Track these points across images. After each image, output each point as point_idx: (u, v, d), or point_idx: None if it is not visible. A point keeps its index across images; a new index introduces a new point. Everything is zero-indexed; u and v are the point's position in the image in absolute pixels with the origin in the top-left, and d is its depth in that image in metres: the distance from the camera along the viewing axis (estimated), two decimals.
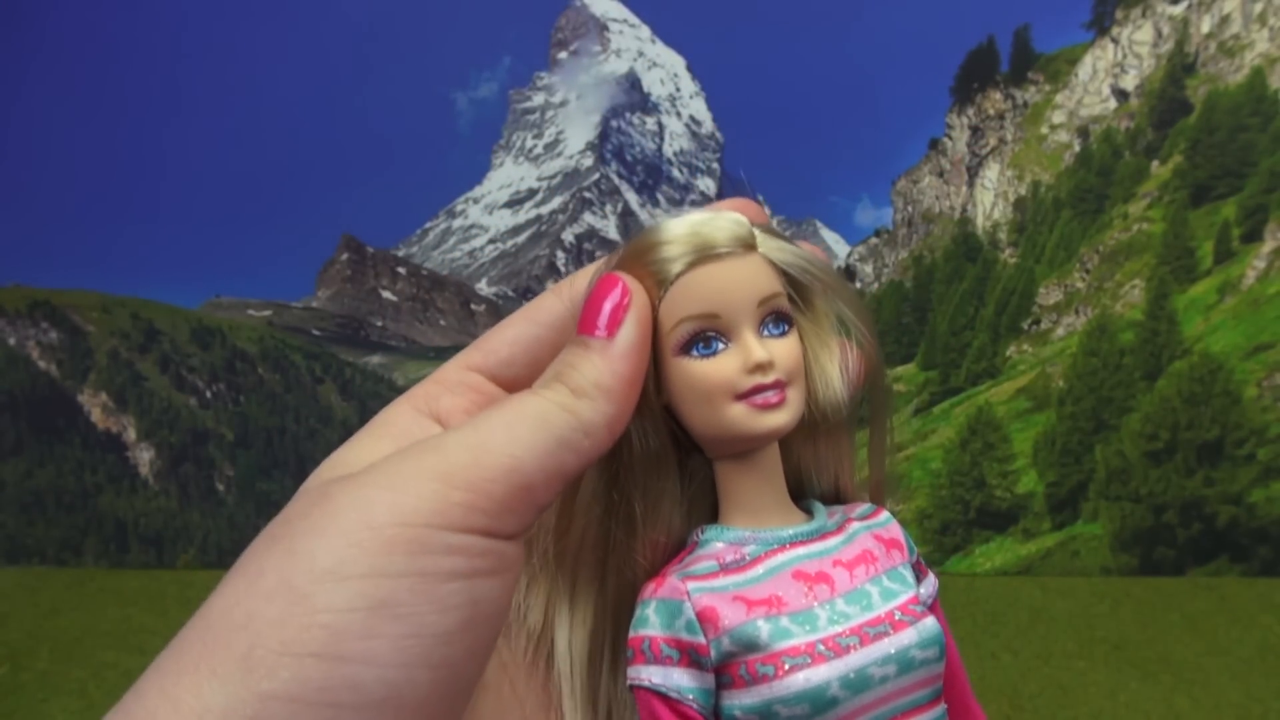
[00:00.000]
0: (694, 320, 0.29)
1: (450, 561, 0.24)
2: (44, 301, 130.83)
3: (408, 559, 0.23)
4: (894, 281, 79.30)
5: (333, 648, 0.22)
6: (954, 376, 52.97)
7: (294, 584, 0.23)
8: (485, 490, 0.25)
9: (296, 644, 0.22)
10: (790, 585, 0.30)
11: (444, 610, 0.24)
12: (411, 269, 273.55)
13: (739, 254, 0.30)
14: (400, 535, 0.23)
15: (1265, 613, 6.84)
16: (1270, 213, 45.02)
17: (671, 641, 0.29)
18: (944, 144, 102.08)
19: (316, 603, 0.23)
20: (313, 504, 0.25)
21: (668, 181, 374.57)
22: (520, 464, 0.25)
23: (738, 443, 0.31)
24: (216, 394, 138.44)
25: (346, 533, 0.24)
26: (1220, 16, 74.75)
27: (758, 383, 0.30)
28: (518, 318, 0.32)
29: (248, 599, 0.23)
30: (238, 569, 0.25)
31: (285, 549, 0.24)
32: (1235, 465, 25.37)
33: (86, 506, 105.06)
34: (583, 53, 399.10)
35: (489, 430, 0.26)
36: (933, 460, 40.40)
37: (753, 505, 0.31)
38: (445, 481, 0.24)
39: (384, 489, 0.24)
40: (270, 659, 0.22)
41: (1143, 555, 24.97)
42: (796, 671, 0.28)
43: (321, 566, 0.23)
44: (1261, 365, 32.98)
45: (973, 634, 6.35)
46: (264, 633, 0.22)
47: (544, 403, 0.27)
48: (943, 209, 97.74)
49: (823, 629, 0.29)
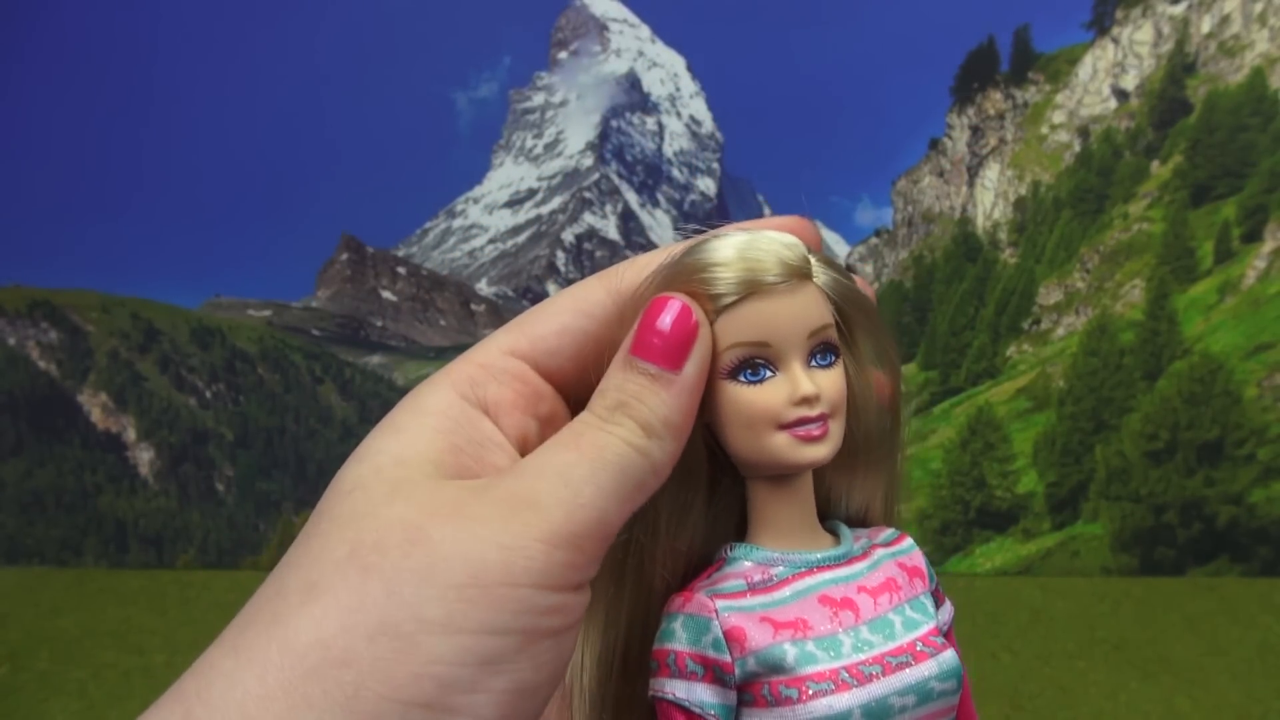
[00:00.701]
0: (744, 347, 0.30)
1: (549, 621, 0.25)
2: (44, 301, 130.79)
3: (514, 618, 0.24)
4: (894, 281, 79.27)
5: (441, 699, 0.23)
6: (954, 376, 52.95)
7: (401, 629, 0.23)
8: (580, 547, 0.26)
9: (405, 692, 0.22)
10: (816, 610, 0.30)
11: (538, 667, 0.25)
12: (411, 269, 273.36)
13: (794, 284, 0.30)
14: (509, 595, 0.24)
15: (1265, 613, 6.84)
16: (1270, 213, 45.01)
17: (697, 657, 0.29)
18: (944, 144, 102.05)
19: (427, 653, 0.23)
20: (412, 541, 0.25)
21: (668, 181, 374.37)
22: (607, 516, 0.26)
23: (776, 469, 0.31)
24: (216, 394, 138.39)
25: (457, 587, 0.24)
26: (1220, 16, 74.73)
27: (803, 415, 0.30)
28: (565, 306, 0.31)
29: (345, 635, 0.23)
30: (320, 591, 0.24)
31: (384, 589, 0.24)
32: (1235, 465, 25.37)
33: (86, 506, 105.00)
34: (583, 53, 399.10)
35: (579, 483, 0.26)
36: (933, 460, 40.38)
37: (782, 527, 0.32)
38: (549, 542, 0.25)
39: (494, 547, 0.25)
40: (378, 704, 0.22)
41: (1143, 555, 24.96)
42: (820, 698, 0.28)
43: (431, 618, 0.23)
44: (1261, 365, 32.99)
45: (973, 634, 6.34)
46: (369, 676, 0.22)
47: (621, 446, 0.27)
48: (943, 209, 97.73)
49: (846, 656, 0.30)
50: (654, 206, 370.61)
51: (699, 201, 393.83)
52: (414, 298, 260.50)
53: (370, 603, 0.23)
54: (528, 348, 0.31)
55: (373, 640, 0.23)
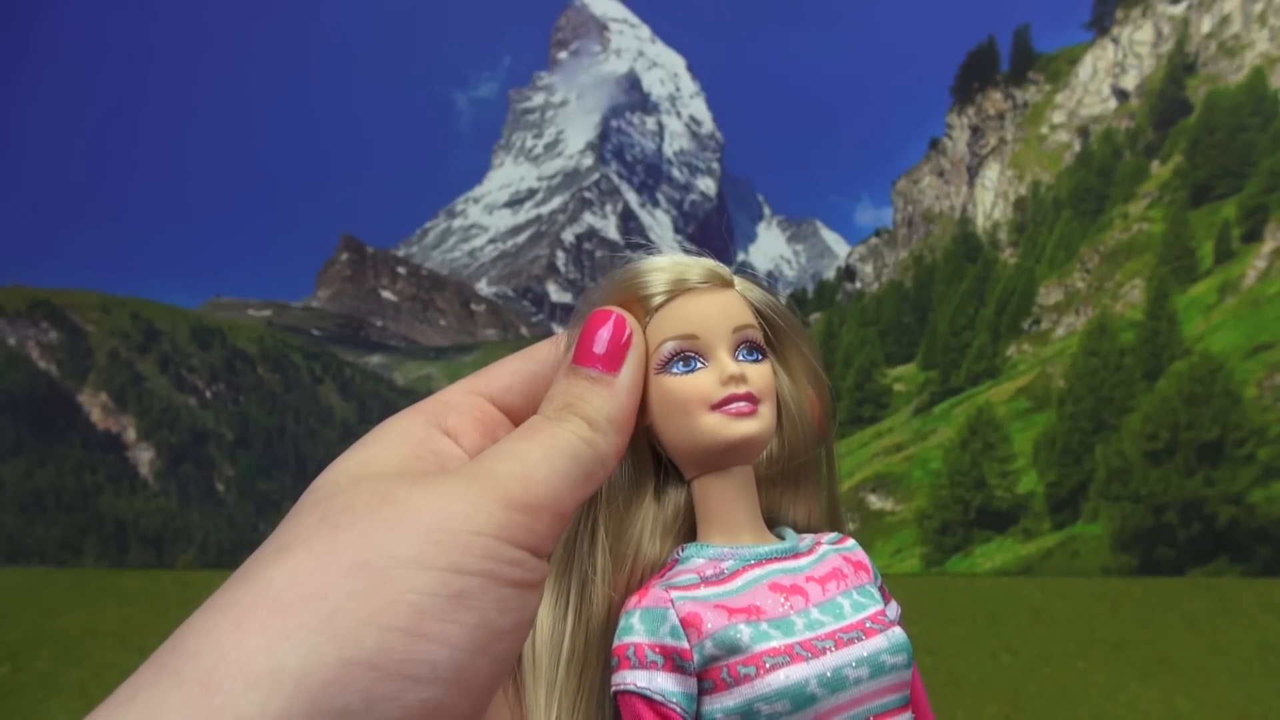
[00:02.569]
0: (675, 340, 0.32)
1: (511, 570, 0.27)
2: (44, 301, 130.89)
3: (482, 561, 0.26)
4: (894, 281, 79.26)
5: (416, 625, 0.24)
6: (954, 376, 52.92)
7: (375, 565, 0.24)
8: (537, 514, 0.28)
9: (382, 617, 0.24)
10: (767, 596, 0.32)
11: (504, 610, 0.26)
12: (411, 269, 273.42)
13: (717, 286, 0.33)
14: (475, 541, 0.26)
15: (1265, 613, 6.84)
16: (1270, 213, 44.96)
17: (656, 647, 0.31)
18: (944, 144, 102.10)
19: (401, 584, 0.24)
20: (379, 501, 0.26)
21: (668, 181, 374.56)
22: (559, 495, 0.28)
23: (715, 451, 0.33)
24: (216, 394, 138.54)
25: (425, 531, 0.26)
26: (1220, 16, 74.75)
27: (731, 393, 0.32)
28: (516, 356, 0.35)
29: (321, 574, 0.24)
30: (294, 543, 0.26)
31: (358, 534, 0.25)
32: (1235, 465, 25.35)
33: (86, 506, 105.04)
34: (583, 53, 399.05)
35: (534, 464, 0.28)
36: (933, 460, 40.37)
37: (730, 523, 0.33)
38: (506, 505, 0.27)
39: (457, 501, 0.26)
40: (355, 628, 0.23)
41: (1143, 555, 24.95)
42: (777, 670, 0.30)
43: (403, 555, 0.25)
44: (1261, 365, 32.97)
45: (973, 634, 6.34)
46: (346, 604, 0.24)
47: (571, 437, 0.30)
48: (943, 209, 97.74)
49: (799, 634, 0.31)
50: (654, 206, 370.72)
51: (699, 201, 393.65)
52: (414, 298, 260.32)
53: (343, 546, 0.25)
54: (483, 385, 0.34)
55: (348, 575, 0.24)
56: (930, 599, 8.02)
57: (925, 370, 57.86)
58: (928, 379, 55.86)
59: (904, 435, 49.64)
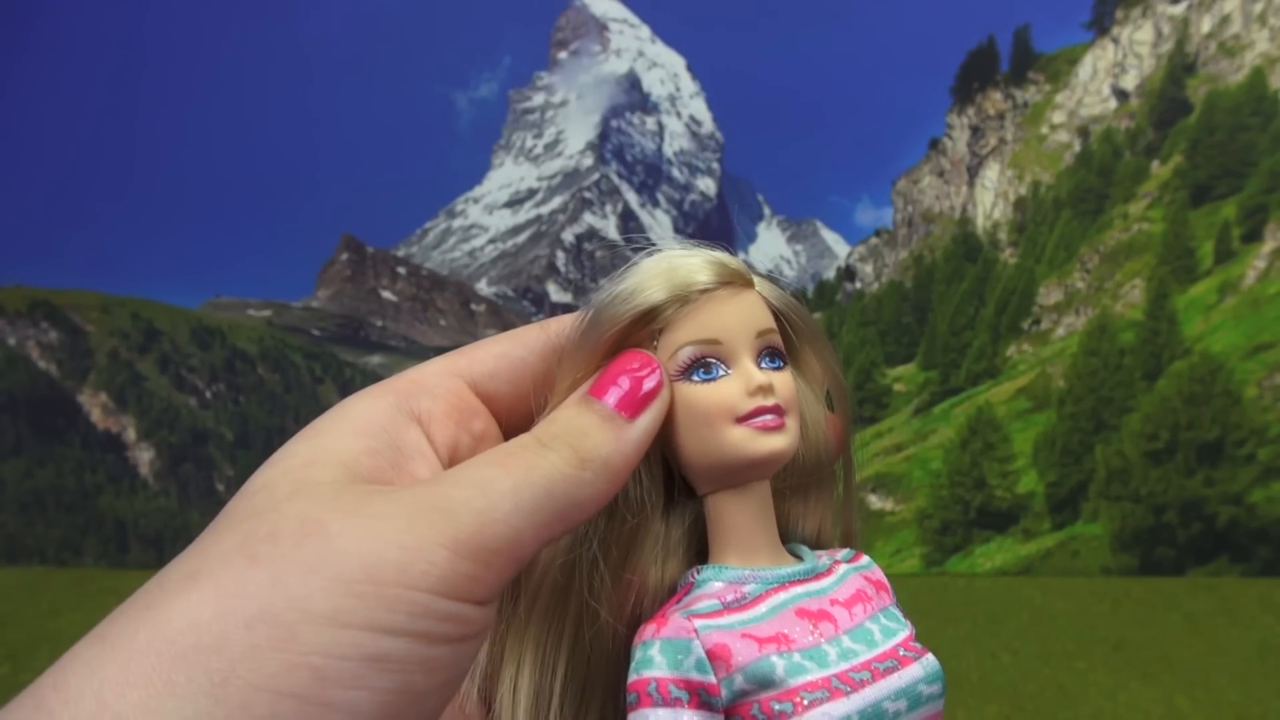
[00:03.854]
0: (696, 345, 0.30)
1: (446, 628, 0.23)
2: (44, 301, 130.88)
3: (409, 620, 0.23)
4: (894, 281, 79.23)
5: (317, 691, 0.21)
6: (954, 376, 52.91)
7: (281, 618, 0.22)
8: (488, 562, 0.24)
9: (276, 680, 0.21)
10: (795, 623, 0.29)
11: (430, 672, 0.23)
12: (411, 269, 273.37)
13: (738, 287, 0.31)
14: (404, 597, 0.23)
15: (1265, 613, 6.84)
16: (1270, 213, 44.97)
17: (680, 682, 0.28)
18: (944, 144, 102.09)
19: (307, 643, 0.21)
20: (305, 534, 0.23)
21: (668, 181, 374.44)
22: (521, 537, 0.25)
23: (737, 468, 0.30)
24: (216, 394, 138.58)
25: (348, 583, 0.22)
26: (1220, 16, 74.76)
27: (759, 405, 0.30)
28: (503, 337, 0.32)
29: (220, 621, 0.21)
30: (201, 577, 0.22)
31: (272, 578, 0.22)
32: (1235, 465, 25.33)
33: (86, 506, 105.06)
34: (583, 53, 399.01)
35: (499, 497, 0.25)
36: (933, 460, 40.36)
37: (746, 544, 0.31)
38: (454, 550, 0.24)
39: (393, 546, 0.23)
40: (247, 692, 0.21)
41: (1143, 555, 24.94)
42: (816, 707, 0.27)
43: (316, 609, 0.22)
44: (1261, 365, 32.95)
45: (973, 634, 6.34)
46: (241, 662, 0.21)
47: (551, 469, 0.26)
48: (943, 209, 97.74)
49: (834, 664, 0.29)
50: (654, 206, 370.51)
51: (699, 201, 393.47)
52: (414, 298, 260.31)
53: (253, 590, 0.22)
54: (466, 366, 0.31)
55: (250, 627, 0.21)
56: (930, 599, 8.02)
57: (925, 370, 57.89)
58: (928, 379, 55.89)
59: (904, 435, 49.68)
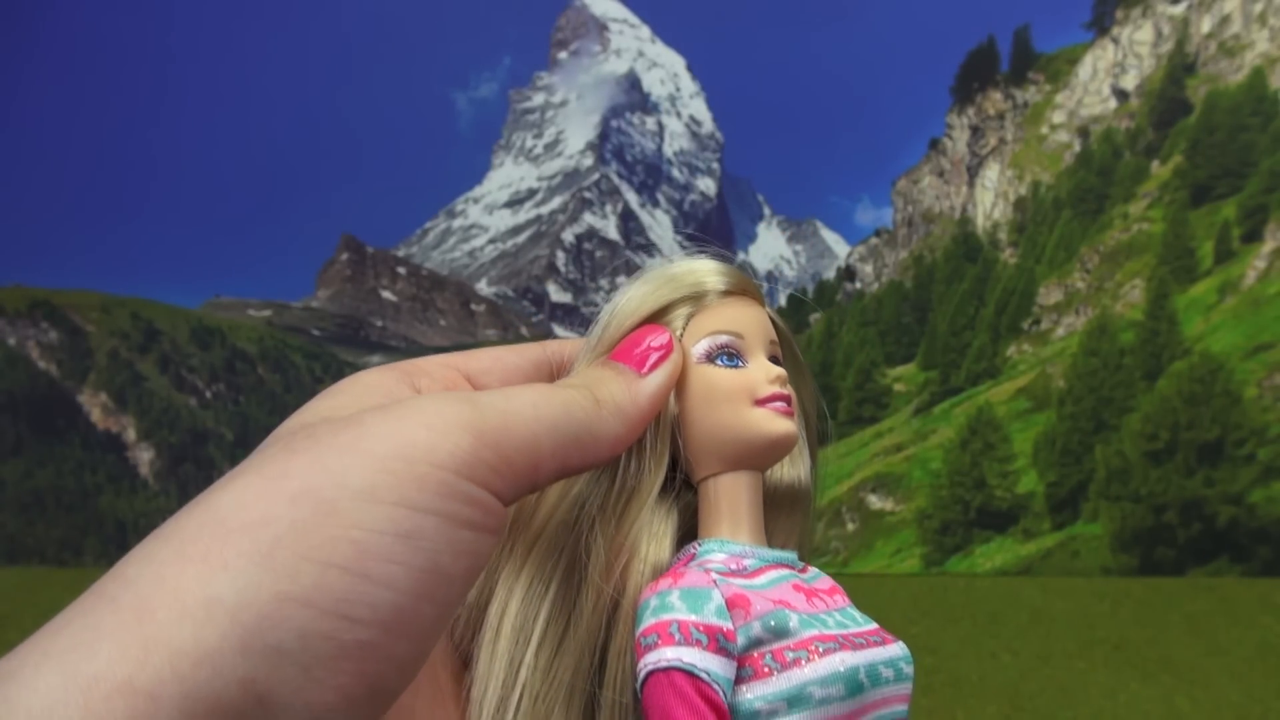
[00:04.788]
0: (724, 334, 0.33)
1: (470, 511, 0.25)
2: (44, 301, 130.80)
3: (438, 499, 0.24)
4: (894, 281, 79.15)
5: (358, 564, 0.23)
6: (954, 376, 52.86)
7: (323, 494, 0.23)
8: (508, 457, 0.26)
9: (322, 552, 0.22)
10: (793, 594, 0.31)
11: (457, 554, 0.24)
12: (411, 269, 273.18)
13: (752, 300, 0.35)
14: (432, 475, 0.24)
15: (1265, 613, 6.83)
16: (1270, 213, 44.93)
17: (701, 626, 0.29)
18: (944, 144, 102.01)
19: (347, 518, 0.23)
20: (343, 425, 0.25)
21: (668, 181, 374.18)
22: (539, 442, 0.27)
23: (755, 445, 0.32)
24: (216, 394, 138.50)
25: (381, 459, 0.24)
26: (1220, 16, 74.73)
27: (776, 391, 0.33)
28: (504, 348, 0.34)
29: (266, 499, 0.23)
30: (249, 468, 0.24)
31: (312, 459, 0.24)
32: (1235, 465, 25.31)
33: (86, 506, 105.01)
34: (583, 53, 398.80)
35: (520, 403, 0.27)
36: (933, 460, 40.33)
37: (740, 524, 0.33)
38: (478, 438, 0.25)
39: (422, 427, 0.25)
40: (293, 562, 0.22)
41: (1143, 555, 24.91)
42: (830, 654, 0.29)
43: (354, 485, 0.23)
44: (1261, 365, 32.92)
45: (973, 634, 6.33)
46: (287, 535, 0.22)
47: (571, 394, 0.29)
48: (943, 209, 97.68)
49: (836, 629, 0.31)
50: (654, 206, 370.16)
51: (699, 201, 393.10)
52: (414, 298, 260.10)
53: (294, 471, 0.23)
54: (461, 363, 0.32)
55: (294, 502, 0.23)
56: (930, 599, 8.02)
57: (925, 370, 57.87)
58: (928, 379, 55.88)
59: (904, 435, 49.65)
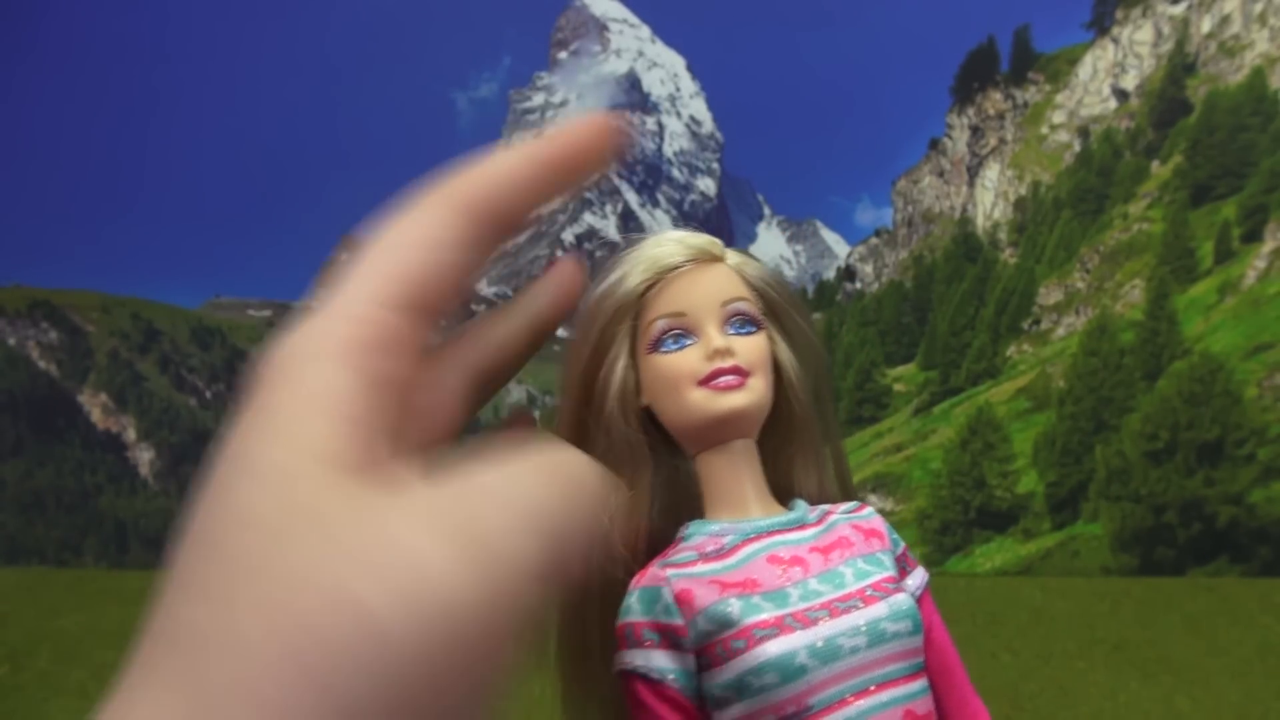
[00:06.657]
0: (664, 319, 0.33)
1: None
2: (44, 301, 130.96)
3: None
4: (894, 281, 79.28)
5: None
6: (954, 376, 52.96)
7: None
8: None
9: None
10: (764, 569, 0.32)
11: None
12: None
13: (705, 262, 0.34)
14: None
15: (1265, 613, 6.83)
16: (1270, 213, 44.94)
17: (651, 625, 0.31)
18: (944, 144, 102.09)
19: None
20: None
21: (668, 181, 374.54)
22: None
23: (705, 427, 0.33)
24: (216, 394, 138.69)
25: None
26: (1220, 16, 74.78)
27: (717, 367, 0.33)
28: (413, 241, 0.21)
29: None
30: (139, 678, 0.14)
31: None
32: (1235, 465, 25.32)
33: (86, 507, 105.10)
34: (583, 53, 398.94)
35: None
36: (933, 460, 40.39)
37: (733, 498, 0.33)
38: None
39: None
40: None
41: (1143, 555, 24.94)
42: (765, 642, 0.30)
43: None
44: (1261, 365, 32.94)
45: (973, 634, 6.34)
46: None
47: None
48: (943, 209, 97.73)
49: (793, 605, 0.31)
50: (654, 206, 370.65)
51: (699, 201, 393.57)
52: None
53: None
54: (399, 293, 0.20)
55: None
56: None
57: (925, 370, 57.87)
58: (928, 379, 55.83)
59: (904, 435, 49.59)
